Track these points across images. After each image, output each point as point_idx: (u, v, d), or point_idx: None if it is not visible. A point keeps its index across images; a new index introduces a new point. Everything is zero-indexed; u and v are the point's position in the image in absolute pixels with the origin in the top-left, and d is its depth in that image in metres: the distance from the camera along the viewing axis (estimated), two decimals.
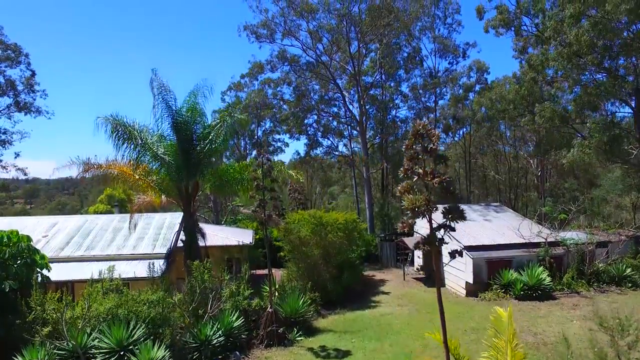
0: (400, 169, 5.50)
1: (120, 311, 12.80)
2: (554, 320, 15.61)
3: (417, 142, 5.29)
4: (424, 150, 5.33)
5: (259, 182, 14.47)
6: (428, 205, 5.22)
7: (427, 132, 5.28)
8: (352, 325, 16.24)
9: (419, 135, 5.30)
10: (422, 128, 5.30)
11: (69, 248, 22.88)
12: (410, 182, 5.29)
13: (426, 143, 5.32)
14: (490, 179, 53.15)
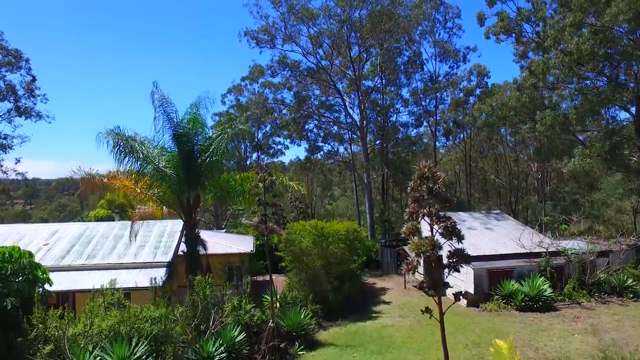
0: (406, 210, 5.49)
1: (122, 328, 12.80)
2: (555, 334, 15.61)
3: (422, 184, 5.27)
4: (430, 192, 5.32)
5: (261, 197, 14.47)
6: (433, 249, 5.19)
7: (432, 174, 5.27)
8: (353, 339, 16.25)
9: (424, 177, 5.29)
10: (428, 171, 5.29)
11: (69, 257, 22.88)
12: (416, 224, 5.28)
13: (431, 184, 5.30)
14: (490, 182, 53.16)
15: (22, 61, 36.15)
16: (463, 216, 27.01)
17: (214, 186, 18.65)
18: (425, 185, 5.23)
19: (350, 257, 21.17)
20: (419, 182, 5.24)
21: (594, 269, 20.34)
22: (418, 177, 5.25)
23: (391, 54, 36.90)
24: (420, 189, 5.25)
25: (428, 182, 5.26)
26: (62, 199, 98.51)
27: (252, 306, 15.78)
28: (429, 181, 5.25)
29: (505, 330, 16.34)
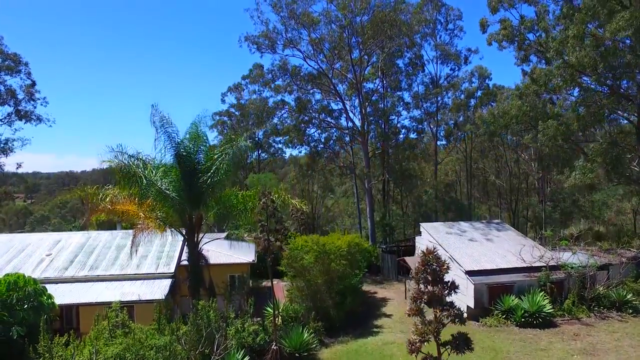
0: (411, 293, 5.56)
1: (128, 355, 12.95)
2: (555, 355, 15.81)
3: (426, 269, 5.35)
4: (434, 279, 5.40)
5: (264, 223, 14.55)
6: (437, 336, 5.27)
7: (436, 261, 5.34)
8: (355, 358, 16.48)
9: (428, 265, 5.36)
10: (432, 258, 5.36)
11: (72, 268, 23.04)
12: (419, 306, 5.36)
13: (436, 267, 5.37)
14: (491, 183, 53.21)
15: (21, 65, 36.04)
16: (464, 226, 27.14)
17: (216, 202, 18.71)
18: (429, 270, 5.29)
19: (351, 271, 21.33)
20: (422, 267, 5.29)
21: (594, 283, 20.51)
22: (422, 263, 5.30)
23: (392, 56, 36.71)
24: (424, 274, 5.31)
25: (431, 267, 5.32)
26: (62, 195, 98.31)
27: (255, 328, 15.94)
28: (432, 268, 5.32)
29: (505, 349, 16.54)
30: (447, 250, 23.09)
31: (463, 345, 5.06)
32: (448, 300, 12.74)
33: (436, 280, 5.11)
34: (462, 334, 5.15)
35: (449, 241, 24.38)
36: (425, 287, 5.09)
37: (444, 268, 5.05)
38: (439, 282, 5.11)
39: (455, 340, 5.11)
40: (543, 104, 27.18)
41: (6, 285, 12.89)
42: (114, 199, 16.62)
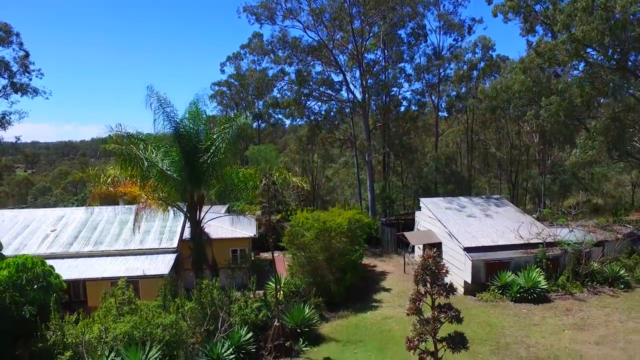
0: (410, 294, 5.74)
1: (136, 333, 13.46)
2: (547, 330, 16.38)
3: (425, 273, 5.52)
4: (433, 283, 5.58)
5: (265, 205, 14.71)
6: (434, 334, 5.50)
7: (436, 265, 5.51)
8: (355, 333, 17.07)
9: (428, 269, 5.52)
10: (432, 262, 5.51)
11: (77, 243, 23.49)
12: (417, 306, 5.58)
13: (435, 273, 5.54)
14: (491, 154, 53.14)
15: (12, 35, 35.23)
16: (463, 202, 27.37)
17: (217, 181, 18.81)
18: (428, 273, 5.46)
19: (352, 247, 21.71)
20: (422, 271, 5.48)
21: (589, 259, 20.93)
22: (421, 267, 5.47)
23: (394, 27, 35.76)
24: (424, 277, 5.49)
25: (431, 271, 5.49)
26: (62, 165, 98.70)
27: (257, 304, 16.43)
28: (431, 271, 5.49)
29: (499, 324, 17.13)
30: (446, 227, 23.42)
31: (459, 344, 5.30)
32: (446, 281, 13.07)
33: (435, 283, 5.29)
34: (458, 334, 5.39)
35: (448, 217, 24.67)
36: (424, 289, 5.30)
37: (443, 272, 5.23)
38: (438, 284, 5.29)
39: (452, 339, 5.36)
40: (547, 79, 26.74)
41: (15, 267, 13.19)
42: (116, 180, 16.71)
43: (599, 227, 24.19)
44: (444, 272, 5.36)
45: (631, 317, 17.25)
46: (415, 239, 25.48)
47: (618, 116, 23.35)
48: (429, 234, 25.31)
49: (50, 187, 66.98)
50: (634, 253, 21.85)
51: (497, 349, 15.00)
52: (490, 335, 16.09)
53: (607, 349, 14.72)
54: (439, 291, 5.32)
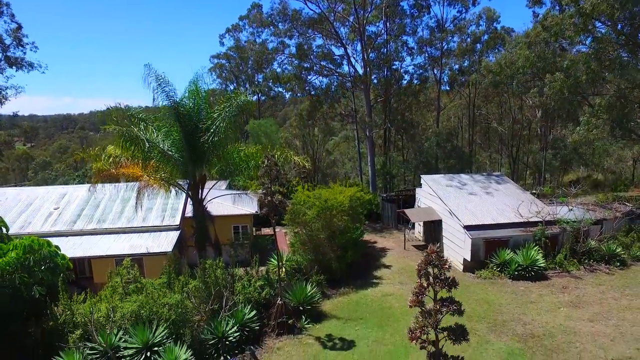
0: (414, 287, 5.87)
1: (143, 312, 13.81)
2: (543, 307, 16.79)
3: (428, 267, 5.61)
4: (435, 277, 5.69)
5: (267, 187, 14.76)
6: (436, 326, 5.66)
7: (439, 260, 5.60)
8: (356, 309, 17.49)
9: (431, 262, 5.62)
10: (435, 257, 5.60)
11: (81, 221, 23.73)
12: (419, 299, 5.72)
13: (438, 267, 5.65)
14: (492, 129, 52.83)
15: (2, 6, 34.29)
16: (464, 179, 27.43)
17: (218, 160, 18.79)
18: (431, 269, 5.57)
19: (353, 225, 21.93)
20: (425, 266, 5.58)
21: (587, 237, 21.19)
22: (425, 261, 5.57)
23: None
24: (426, 271, 5.60)
25: (434, 267, 5.59)
26: (62, 139, 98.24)
27: (260, 283, 16.76)
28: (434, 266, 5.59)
29: (497, 301, 17.54)
30: (447, 204, 23.58)
31: (460, 336, 5.48)
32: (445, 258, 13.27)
33: (437, 278, 5.41)
34: (459, 326, 5.55)
35: (449, 194, 24.79)
36: (426, 282, 5.42)
37: (445, 267, 5.34)
38: (440, 279, 5.41)
39: (453, 331, 5.53)
40: (552, 54, 26.21)
41: (22, 249, 13.37)
42: (117, 161, 16.69)
43: (599, 205, 24.36)
44: (446, 267, 5.47)
45: (625, 294, 17.65)
46: (416, 216, 25.70)
47: (624, 93, 23.03)
48: (430, 211, 25.51)
49: (51, 162, 66.86)
50: (632, 231, 22.10)
51: (494, 326, 15.42)
52: (488, 313, 16.50)
53: (600, 326, 15.14)
54: (441, 285, 5.44)
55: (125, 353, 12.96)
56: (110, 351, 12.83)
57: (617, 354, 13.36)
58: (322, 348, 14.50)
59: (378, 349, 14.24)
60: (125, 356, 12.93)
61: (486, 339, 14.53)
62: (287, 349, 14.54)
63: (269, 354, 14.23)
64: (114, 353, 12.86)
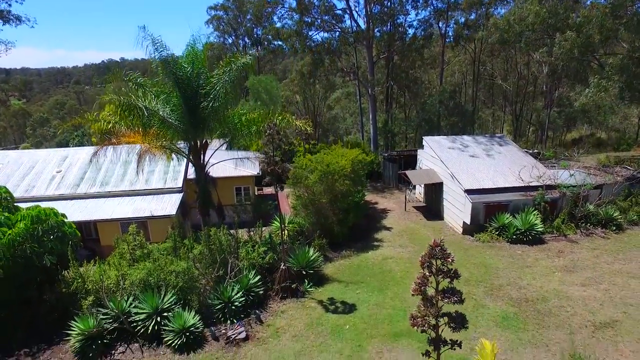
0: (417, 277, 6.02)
1: (151, 279, 14.28)
2: (538, 272, 17.31)
3: (432, 259, 5.72)
4: (438, 269, 5.81)
5: (270, 156, 14.71)
6: (437, 318, 5.86)
7: (442, 253, 5.70)
8: (357, 273, 18.05)
9: (435, 256, 5.72)
10: (439, 250, 5.69)
11: (84, 184, 23.91)
12: (422, 289, 5.89)
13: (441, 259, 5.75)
14: (497, 85, 51.65)
15: None
16: (466, 140, 27.24)
17: (219, 125, 18.60)
18: (434, 261, 5.68)
19: (354, 189, 22.07)
20: (428, 258, 5.69)
21: (586, 201, 21.40)
22: (429, 254, 5.67)
23: None
24: (430, 263, 5.72)
25: (437, 259, 5.70)
26: (57, 94, 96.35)
27: (264, 249, 17.15)
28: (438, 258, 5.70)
29: (494, 265, 18.06)
30: (448, 167, 23.59)
31: (459, 324, 5.71)
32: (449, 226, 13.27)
33: (440, 270, 5.55)
34: (459, 314, 5.77)
35: (451, 157, 24.75)
36: (429, 273, 5.57)
37: (449, 260, 5.46)
38: (443, 272, 5.55)
39: (453, 319, 5.76)
40: (565, 9, 25.02)
41: (30, 219, 13.58)
42: (116, 128, 16.49)
43: (601, 169, 24.36)
44: (449, 260, 5.59)
45: (618, 258, 18.13)
46: (417, 179, 25.80)
47: (638, 53, 22.21)
48: (431, 173, 25.58)
49: (48, 119, 66.06)
50: (631, 195, 22.28)
51: (490, 291, 15.99)
52: (485, 277, 17.05)
53: (591, 290, 15.69)
54: (444, 276, 5.59)
55: (136, 318, 13.55)
56: (122, 316, 13.42)
57: (605, 317, 13.95)
58: (324, 312, 15.13)
59: (378, 313, 14.87)
60: (136, 321, 13.53)
61: (482, 303, 15.12)
62: (291, 312, 15.18)
63: (273, 317, 14.87)
64: (126, 318, 13.46)
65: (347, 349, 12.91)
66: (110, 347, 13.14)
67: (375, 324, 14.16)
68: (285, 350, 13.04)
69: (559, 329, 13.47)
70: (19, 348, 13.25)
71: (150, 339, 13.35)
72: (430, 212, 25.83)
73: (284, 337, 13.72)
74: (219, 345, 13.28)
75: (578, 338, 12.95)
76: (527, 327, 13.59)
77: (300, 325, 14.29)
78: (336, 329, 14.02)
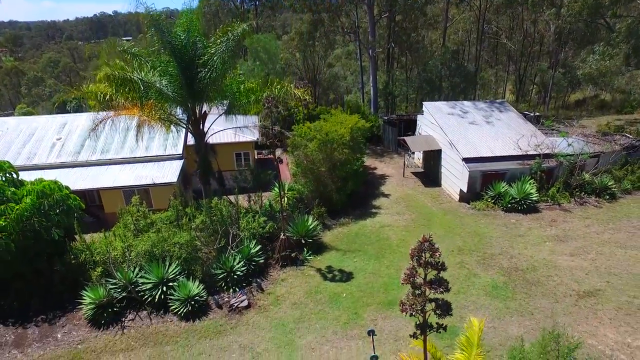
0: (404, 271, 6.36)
1: (155, 250, 14.84)
2: (530, 241, 17.88)
3: (421, 252, 6.03)
4: (426, 263, 6.15)
5: (268, 129, 14.79)
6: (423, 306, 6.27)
7: (431, 247, 6.02)
8: (354, 241, 18.65)
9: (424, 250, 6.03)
10: (428, 245, 5.99)
11: (84, 152, 24.11)
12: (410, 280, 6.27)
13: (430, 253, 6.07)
14: (501, 44, 50.18)
15: None
16: (466, 106, 27.03)
17: (218, 93, 18.49)
18: (423, 254, 6.00)
19: (353, 156, 22.23)
20: (418, 252, 5.99)
21: (582, 170, 21.63)
22: (418, 248, 5.97)
23: None
24: (418, 257, 6.03)
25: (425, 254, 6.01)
26: (50, 51, 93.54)
27: (264, 219, 17.61)
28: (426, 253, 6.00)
29: (488, 234, 18.62)
30: (447, 135, 23.62)
31: (445, 312, 6.13)
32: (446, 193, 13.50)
33: (428, 263, 5.88)
34: (445, 302, 6.17)
35: (450, 124, 24.70)
36: (419, 266, 5.91)
37: (437, 254, 5.77)
38: (431, 265, 5.88)
39: (439, 306, 6.17)
40: None
41: (35, 194, 13.91)
42: (114, 100, 16.42)
43: (600, 137, 24.36)
44: (437, 254, 5.92)
45: (608, 228, 18.65)
46: (417, 145, 25.88)
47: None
48: (430, 140, 25.63)
49: (43, 78, 64.81)
50: (627, 164, 22.46)
51: (482, 260, 16.62)
52: (478, 246, 17.64)
53: (579, 260, 16.31)
54: (431, 268, 5.95)
55: (143, 287, 14.24)
56: (130, 286, 14.11)
57: (589, 287, 14.64)
58: (322, 280, 15.84)
59: (374, 281, 15.57)
60: (143, 290, 14.23)
61: (474, 272, 15.79)
62: (291, 280, 15.90)
63: (274, 285, 15.60)
64: (133, 287, 14.16)
65: (344, 317, 13.69)
66: (120, 315, 13.92)
67: (371, 292, 14.89)
68: (285, 317, 13.82)
69: (544, 297, 14.18)
70: (36, 315, 14.05)
71: (157, 307, 14.11)
72: (428, 178, 26.15)
73: (284, 304, 14.48)
74: (223, 313, 14.06)
75: (561, 306, 13.67)
76: (515, 296, 14.30)
77: (300, 293, 15.03)
78: (334, 297, 14.76)
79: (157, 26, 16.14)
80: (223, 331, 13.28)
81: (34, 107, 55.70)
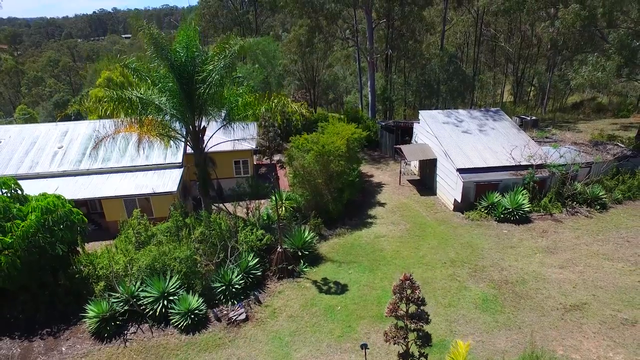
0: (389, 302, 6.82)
1: (156, 264, 15.33)
2: (521, 253, 18.35)
3: (403, 290, 6.49)
4: (407, 299, 6.61)
5: (266, 147, 15.21)
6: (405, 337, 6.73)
7: (411, 285, 6.48)
8: (350, 252, 19.13)
9: (405, 287, 6.49)
10: (408, 284, 6.45)
11: (86, 160, 24.53)
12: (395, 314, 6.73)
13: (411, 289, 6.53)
14: (500, 47, 50.43)
15: None
16: (462, 115, 27.42)
17: (217, 108, 18.88)
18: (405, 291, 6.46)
19: (350, 167, 22.66)
20: (399, 289, 6.44)
21: (574, 180, 22.06)
22: (399, 286, 6.41)
23: None
24: (401, 293, 6.49)
25: (407, 290, 6.46)
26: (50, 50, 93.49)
27: (261, 232, 18.07)
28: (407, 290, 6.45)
29: (480, 246, 19.09)
30: (442, 144, 24.05)
31: (425, 343, 6.59)
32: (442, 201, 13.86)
33: (409, 299, 6.35)
34: (425, 334, 6.62)
35: (445, 133, 25.12)
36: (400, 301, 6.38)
37: (417, 291, 6.23)
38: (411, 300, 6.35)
39: (420, 338, 6.65)
40: None
41: (40, 210, 14.36)
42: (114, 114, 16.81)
43: (592, 146, 24.75)
44: (417, 291, 6.39)
45: (597, 239, 19.11)
46: (412, 155, 26.29)
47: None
48: (425, 149, 26.04)
49: (43, 77, 65.04)
50: (618, 174, 22.88)
51: (474, 272, 17.10)
52: (470, 258, 18.12)
53: (567, 273, 16.79)
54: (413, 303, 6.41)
55: (144, 301, 14.73)
56: (132, 299, 14.61)
57: (576, 300, 15.14)
58: (318, 292, 16.34)
59: (368, 294, 16.06)
60: (145, 303, 14.72)
61: (465, 285, 16.28)
62: (287, 292, 16.40)
63: (271, 297, 16.11)
64: (135, 301, 14.66)
65: (338, 330, 14.20)
66: (123, 328, 14.43)
67: (364, 305, 15.39)
68: (282, 330, 14.34)
69: (532, 311, 14.68)
70: (42, 328, 14.57)
71: (158, 320, 14.62)
72: (424, 186, 26.60)
73: (280, 317, 14.99)
74: (221, 326, 14.58)
75: (548, 320, 14.17)
76: (504, 310, 14.80)
77: (296, 306, 15.53)
78: (329, 309, 15.26)
79: (156, 44, 16.51)
80: (222, 344, 13.80)
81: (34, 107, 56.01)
